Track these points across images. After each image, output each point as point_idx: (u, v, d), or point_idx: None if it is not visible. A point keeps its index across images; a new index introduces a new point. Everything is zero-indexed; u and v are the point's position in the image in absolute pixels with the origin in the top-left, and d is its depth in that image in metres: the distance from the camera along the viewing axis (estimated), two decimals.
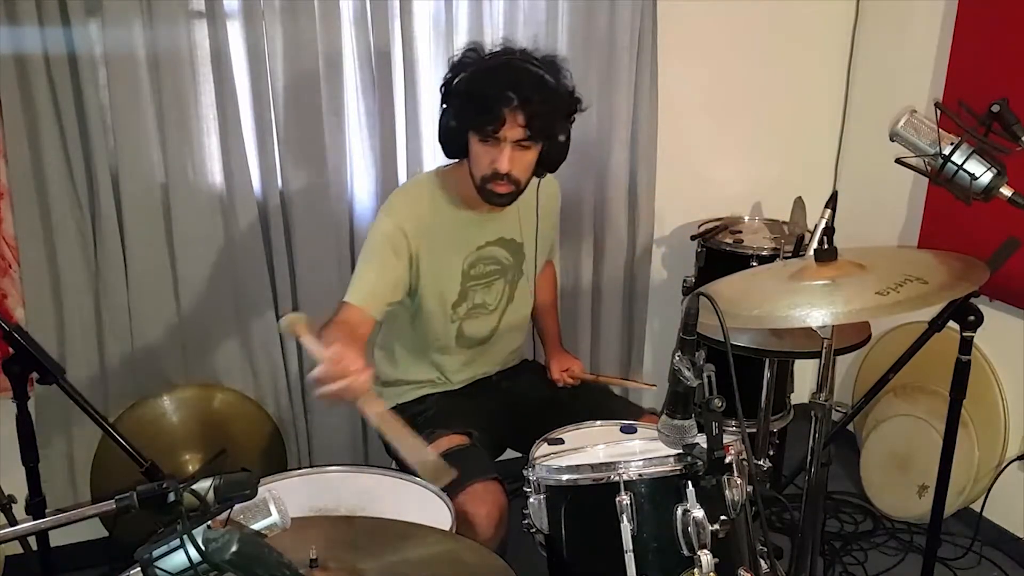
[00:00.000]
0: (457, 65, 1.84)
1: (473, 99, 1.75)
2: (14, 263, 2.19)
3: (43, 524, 1.13)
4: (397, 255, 1.87)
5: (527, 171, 1.84)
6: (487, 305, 2.02)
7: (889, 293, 1.43)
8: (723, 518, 1.33)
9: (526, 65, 1.80)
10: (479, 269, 1.98)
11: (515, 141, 1.77)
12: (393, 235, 1.86)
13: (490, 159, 1.78)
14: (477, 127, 1.77)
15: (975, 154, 1.57)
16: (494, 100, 1.73)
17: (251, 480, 1.02)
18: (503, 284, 2.03)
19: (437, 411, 1.98)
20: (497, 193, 1.83)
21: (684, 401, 1.30)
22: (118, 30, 2.08)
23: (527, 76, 1.77)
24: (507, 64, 1.79)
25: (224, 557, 0.91)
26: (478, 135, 1.78)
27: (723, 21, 2.76)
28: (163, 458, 1.98)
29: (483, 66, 1.80)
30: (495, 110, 1.73)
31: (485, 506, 1.70)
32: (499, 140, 1.76)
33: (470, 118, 1.77)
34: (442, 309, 1.96)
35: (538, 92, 1.75)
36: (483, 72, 1.78)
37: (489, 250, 1.99)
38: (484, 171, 1.80)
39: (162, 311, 2.29)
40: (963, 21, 2.50)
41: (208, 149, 2.26)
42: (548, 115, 1.78)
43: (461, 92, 1.78)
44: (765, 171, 2.96)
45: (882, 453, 2.71)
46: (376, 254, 1.88)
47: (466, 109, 1.77)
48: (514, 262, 2.04)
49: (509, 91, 1.72)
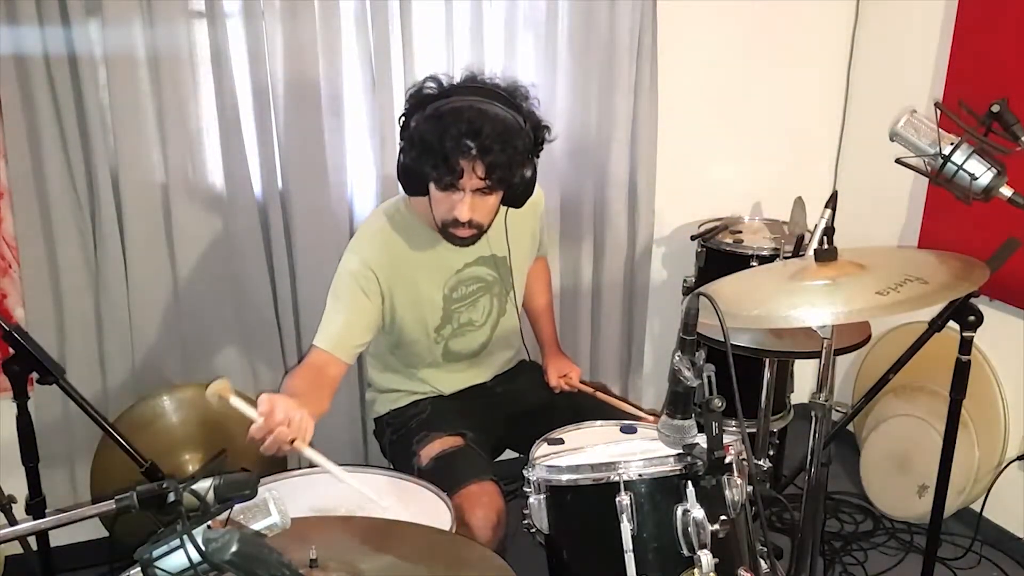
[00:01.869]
0: (415, 100, 1.74)
1: (429, 148, 1.66)
2: (14, 263, 2.19)
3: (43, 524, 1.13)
4: (368, 295, 1.83)
5: (490, 214, 1.79)
6: (473, 322, 2.00)
7: (889, 293, 1.43)
8: (723, 518, 1.33)
9: (486, 106, 1.68)
10: (461, 291, 1.95)
11: (475, 189, 1.70)
12: (360, 275, 1.82)
13: (449, 206, 1.72)
14: (434, 179, 1.69)
15: (975, 154, 1.58)
16: (452, 151, 1.63)
17: (251, 480, 1.02)
18: (489, 299, 2.00)
19: (432, 413, 1.98)
20: (459, 237, 1.78)
21: (684, 401, 1.30)
22: (118, 30, 2.08)
23: (487, 121, 1.65)
24: (466, 108, 1.66)
25: (224, 557, 0.91)
26: (435, 184, 1.71)
27: (723, 21, 2.76)
28: (163, 458, 1.98)
29: (441, 109, 1.67)
30: (452, 162, 1.64)
31: (482, 508, 1.70)
32: (457, 189, 1.70)
33: (426, 167, 1.68)
34: (424, 333, 1.94)
35: (498, 140, 1.65)
36: (441, 118, 1.66)
37: (470, 271, 1.95)
38: (444, 216, 1.75)
39: (162, 311, 2.29)
40: (963, 21, 2.50)
41: (208, 149, 2.26)
42: (508, 163, 1.68)
43: (417, 139, 1.68)
44: (765, 171, 2.96)
45: (882, 453, 2.71)
46: (344, 296, 1.84)
47: (423, 158, 1.68)
48: (499, 275, 1.99)
49: (468, 139, 1.63)
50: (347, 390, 2.50)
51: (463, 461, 1.80)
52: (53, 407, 2.22)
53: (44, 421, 2.19)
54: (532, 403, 2.09)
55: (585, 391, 2.13)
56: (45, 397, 2.15)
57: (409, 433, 1.93)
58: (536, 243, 2.13)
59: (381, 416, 2.07)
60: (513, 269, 2.00)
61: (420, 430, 1.91)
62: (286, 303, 2.39)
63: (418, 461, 1.83)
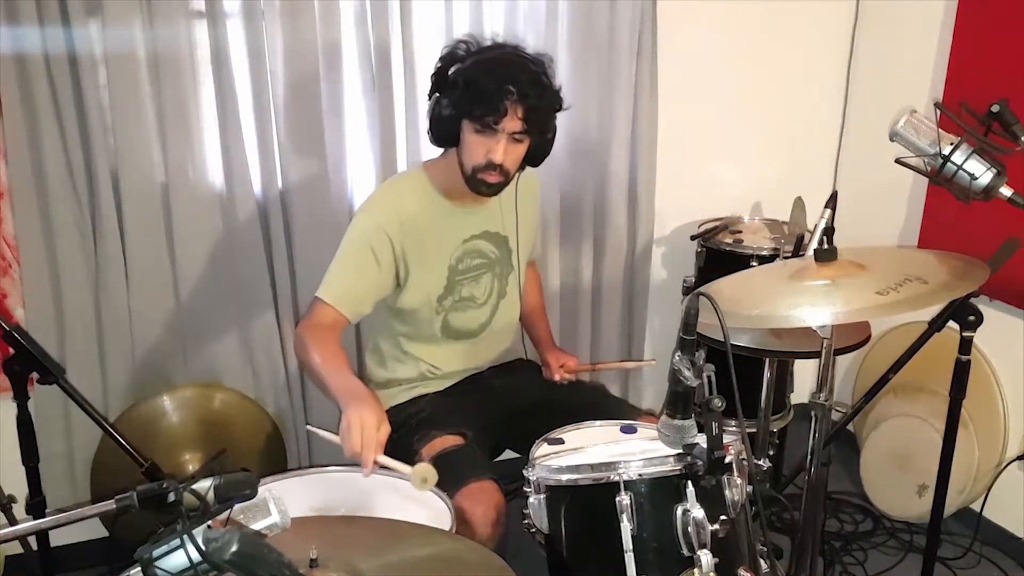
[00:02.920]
0: (450, 56, 1.85)
1: (474, 90, 1.77)
2: (14, 263, 2.19)
3: (43, 524, 1.13)
4: (379, 261, 1.86)
5: (516, 163, 1.87)
6: (475, 299, 2.02)
7: (889, 293, 1.43)
8: (723, 518, 1.33)
9: (523, 60, 1.83)
10: (466, 263, 1.99)
11: (511, 133, 1.79)
12: (374, 237, 1.85)
13: (485, 149, 1.80)
14: (477, 117, 1.78)
15: (975, 154, 1.58)
16: (496, 92, 1.75)
17: (251, 480, 1.02)
18: (491, 278, 2.03)
19: (432, 411, 1.98)
20: (487, 182, 1.84)
21: (684, 401, 1.30)
22: (118, 30, 2.08)
23: (526, 71, 1.80)
24: (506, 58, 1.83)
25: (224, 557, 0.91)
26: (476, 125, 1.79)
27: (723, 21, 2.76)
28: (163, 458, 1.98)
29: (483, 58, 1.81)
30: (497, 102, 1.75)
31: (481, 506, 1.70)
32: (496, 131, 1.78)
33: (469, 109, 1.78)
34: (427, 301, 1.95)
35: (535, 87, 1.79)
36: (484, 64, 1.80)
37: (475, 243, 1.99)
38: (477, 160, 1.82)
39: (162, 311, 2.29)
40: (963, 21, 2.50)
41: (208, 149, 2.26)
42: (544, 110, 1.82)
43: (460, 83, 1.79)
44: (765, 171, 2.96)
45: (882, 453, 2.71)
46: (356, 255, 1.87)
47: (465, 100, 1.78)
48: (500, 256, 2.04)
49: (510, 84, 1.75)
50: None
51: (464, 460, 1.81)
52: (53, 407, 2.22)
53: (44, 421, 2.19)
54: (531, 400, 2.09)
55: (584, 369, 2.20)
56: (45, 397, 2.15)
57: (409, 432, 1.93)
58: (537, 229, 2.17)
59: None
60: (514, 250, 2.05)
61: (420, 428, 1.91)
62: (286, 303, 2.39)
63: (419, 459, 1.84)
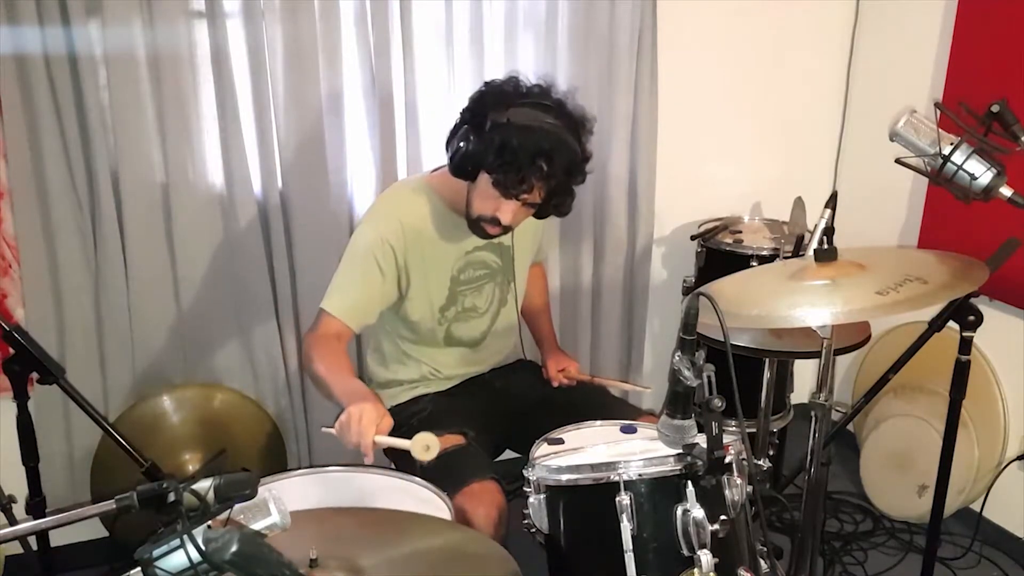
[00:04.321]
0: (491, 98, 1.78)
1: (506, 154, 1.71)
2: (14, 263, 2.19)
3: (43, 524, 1.13)
4: (383, 272, 1.85)
5: (521, 222, 1.87)
6: (477, 309, 2.02)
7: (889, 293, 1.43)
8: (723, 518, 1.33)
9: (563, 134, 1.75)
10: (468, 274, 1.98)
11: (526, 202, 1.78)
12: (379, 248, 1.84)
13: (495, 206, 1.78)
14: (498, 182, 1.74)
15: (975, 154, 1.58)
16: (527, 167, 1.70)
17: (251, 480, 1.02)
18: (493, 287, 2.04)
19: (433, 411, 1.98)
20: (487, 232, 1.84)
21: (684, 401, 1.30)
22: (118, 30, 2.08)
23: (563, 151, 1.74)
24: (547, 129, 1.74)
25: (224, 557, 0.91)
26: (496, 186, 1.75)
27: (723, 21, 2.76)
28: (163, 458, 1.98)
29: (524, 121, 1.73)
30: (524, 176, 1.71)
31: (483, 506, 1.70)
32: (511, 197, 1.76)
33: (494, 168, 1.73)
34: (430, 313, 1.96)
35: (567, 172, 1.76)
36: (524, 130, 1.71)
37: (478, 255, 1.98)
38: (484, 212, 1.80)
39: (162, 311, 2.29)
40: (963, 21, 2.50)
41: (208, 149, 2.26)
42: (567, 191, 1.82)
43: (495, 140, 1.72)
44: (765, 171, 2.96)
45: (882, 453, 2.71)
46: (360, 266, 1.86)
47: (494, 158, 1.72)
48: (502, 265, 2.04)
49: (543, 162, 1.71)
50: None
51: (465, 460, 1.81)
52: (53, 407, 2.22)
53: (44, 421, 2.19)
54: (531, 399, 2.10)
55: (583, 379, 2.17)
56: (45, 397, 2.15)
57: (410, 431, 1.93)
58: (538, 240, 2.16)
59: None
60: (515, 259, 2.04)
61: (421, 428, 1.91)
62: (286, 303, 2.39)
63: (420, 460, 1.84)
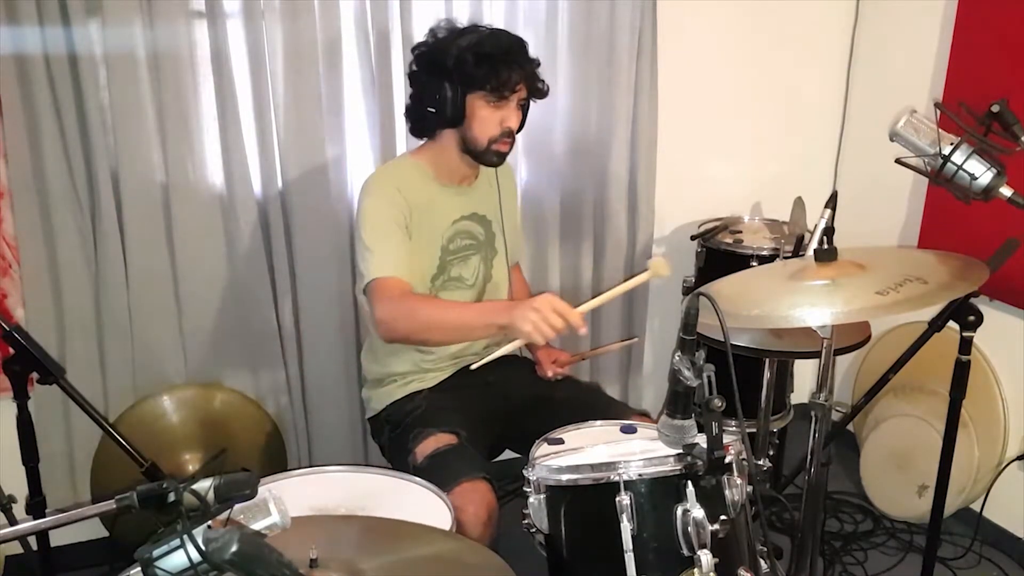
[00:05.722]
0: (441, 39, 1.90)
1: (487, 65, 1.84)
2: (14, 263, 2.19)
3: (43, 524, 1.13)
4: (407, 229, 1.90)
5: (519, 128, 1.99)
6: (464, 279, 2.05)
7: (889, 293, 1.43)
8: (723, 518, 1.33)
9: (511, 34, 1.94)
10: (456, 243, 2.02)
11: (519, 100, 1.91)
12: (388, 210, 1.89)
13: (499, 119, 1.90)
14: (493, 90, 1.86)
15: (975, 154, 1.58)
16: (507, 63, 1.85)
17: (251, 480, 1.02)
18: (478, 260, 2.07)
19: (427, 409, 1.98)
20: (500, 152, 1.94)
21: (684, 401, 1.30)
22: (118, 30, 2.08)
23: (519, 42, 1.91)
24: (494, 31, 1.92)
25: (224, 557, 0.91)
26: (490, 97, 1.87)
27: (723, 21, 2.77)
28: (163, 458, 1.98)
29: (480, 36, 1.88)
30: (511, 73, 1.85)
31: (473, 505, 1.71)
32: (508, 101, 1.89)
33: (483, 83, 1.85)
34: (421, 281, 1.97)
35: (528, 57, 1.92)
36: (488, 40, 1.87)
37: (464, 224, 2.04)
38: (492, 132, 1.90)
39: (162, 311, 2.29)
40: (963, 21, 2.50)
41: (208, 149, 2.26)
42: (537, 75, 1.95)
43: (469, 60, 1.84)
44: (765, 171, 2.96)
45: (882, 453, 2.71)
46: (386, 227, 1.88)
47: (478, 75, 1.84)
48: (486, 239, 2.09)
49: (515, 56, 1.87)
50: (347, 390, 2.51)
51: (456, 459, 1.81)
52: (53, 407, 2.22)
53: (44, 421, 2.19)
54: (525, 397, 2.10)
55: (575, 361, 2.25)
56: (45, 397, 2.15)
57: (406, 430, 1.94)
58: (517, 211, 2.24)
59: (377, 414, 2.08)
60: (498, 233, 2.11)
61: (415, 427, 1.92)
62: (286, 303, 2.39)
63: (413, 459, 1.85)
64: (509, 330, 1.65)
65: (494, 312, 1.73)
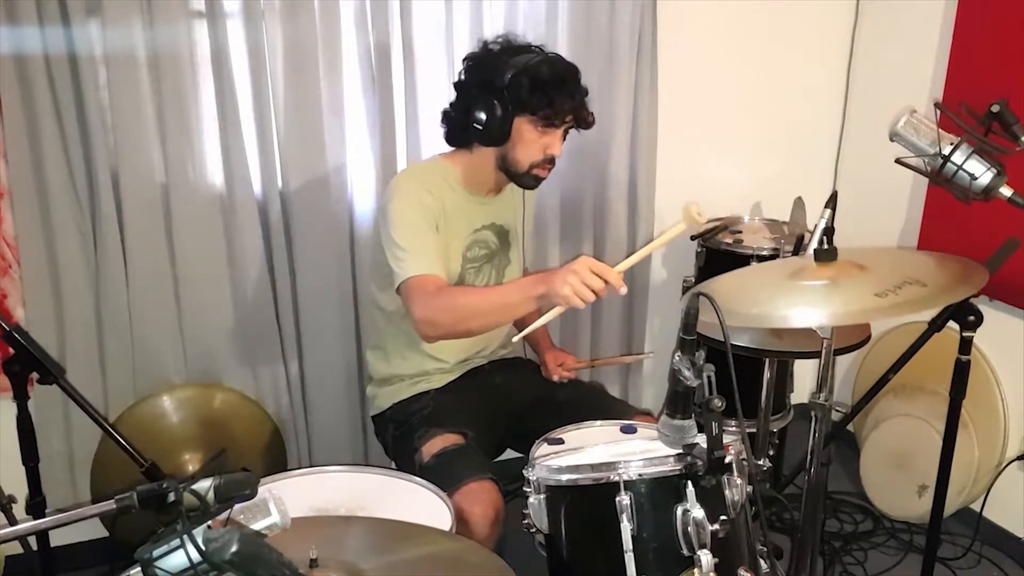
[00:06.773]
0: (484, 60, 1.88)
1: (542, 91, 1.82)
2: (14, 263, 2.19)
3: (43, 524, 1.13)
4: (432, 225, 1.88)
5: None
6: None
7: (888, 295, 1.43)
8: (723, 518, 1.33)
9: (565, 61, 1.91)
10: (474, 252, 2.02)
11: (565, 129, 1.90)
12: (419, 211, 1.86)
13: (544, 145, 1.88)
14: (544, 116, 1.84)
15: (975, 154, 1.58)
16: (563, 93, 1.84)
17: (251, 480, 1.02)
18: (490, 269, 2.06)
19: (434, 408, 1.99)
20: (538, 177, 1.93)
21: (684, 401, 1.30)
22: (118, 30, 2.08)
23: (573, 72, 1.89)
24: (553, 59, 1.88)
25: (224, 557, 0.91)
26: (540, 123, 1.85)
27: (723, 21, 2.77)
28: (163, 458, 1.98)
29: (534, 61, 1.84)
30: (565, 102, 1.84)
31: (480, 505, 1.71)
32: (555, 128, 1.87)
33: (535, 108, 1.83)
34: None
35: (581, 87, 1.89)
36: (544, 65, 1.84)
37: (483, 234, 2.03)
38: (535, 157, 1.89)
39: (162, 311, 2.29)
40: (963, 21, 2.50)
41: (208, 149, 2.26)
42: (586, 107, 1.92)
43: (525, 83, 1.81)
44: (765, 171, 2.96)
45: (882, 453, 2.71)
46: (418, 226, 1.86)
47: (532, 99, 1.82)
48: (500, 248, 2.07)
49: (569, 84, 1.86)
50: (347, 389, 2.51)
51: (463, 459, 1.81)
52: (53, 407, 2.22)
53: (44, 421, 2.19)
54: (531, 397, 2.10)
55: (582, 366, 2.22)
56: (45, 397, 2.15)
57: (411, 429, 1.94)
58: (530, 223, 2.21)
59: (383, 412, 2.08)
60: (513, 243, 2.10)
61: (422, 426, 1.92)
62: (286, 303, 2.39)
63: (420, 457, 1.85)
64: (549, 297, 1.63)
65: (531, 284, 1.68)
